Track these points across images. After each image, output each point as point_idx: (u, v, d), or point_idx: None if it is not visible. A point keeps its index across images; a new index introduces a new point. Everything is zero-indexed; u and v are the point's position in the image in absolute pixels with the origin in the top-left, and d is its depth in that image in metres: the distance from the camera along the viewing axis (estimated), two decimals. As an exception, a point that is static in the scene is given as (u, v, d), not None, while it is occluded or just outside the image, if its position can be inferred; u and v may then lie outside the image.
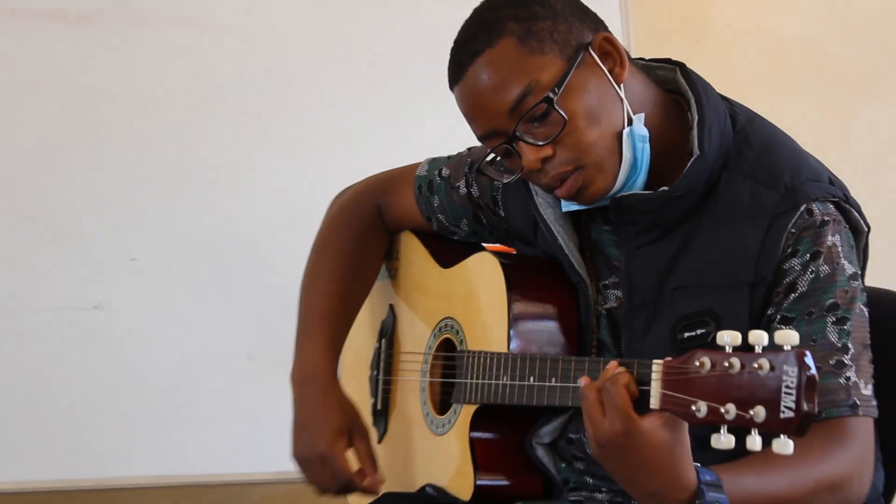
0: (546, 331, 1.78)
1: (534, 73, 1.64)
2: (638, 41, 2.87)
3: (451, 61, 1.71)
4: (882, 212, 2.98)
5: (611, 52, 1.68)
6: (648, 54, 1.83)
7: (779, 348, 1.31)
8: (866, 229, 1.70)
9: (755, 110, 1.82)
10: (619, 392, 1.41)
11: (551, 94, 1.63)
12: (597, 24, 1.71)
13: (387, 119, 2.75)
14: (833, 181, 1.69)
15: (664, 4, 3.15)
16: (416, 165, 2.03)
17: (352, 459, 1.89)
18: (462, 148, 1.98)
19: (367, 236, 2.05)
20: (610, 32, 1.71)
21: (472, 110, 1.70)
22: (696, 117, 1.69)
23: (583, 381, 1.47)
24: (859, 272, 1.67)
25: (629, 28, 2.85)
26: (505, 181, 1.80)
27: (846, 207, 1.67)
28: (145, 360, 2.62)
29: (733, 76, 3.10)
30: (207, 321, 2.65)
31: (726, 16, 3.19)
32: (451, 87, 1.72)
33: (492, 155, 1.73)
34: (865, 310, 1.65)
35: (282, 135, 2.73)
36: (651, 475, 1.42)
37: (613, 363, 1.45)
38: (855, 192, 1.73)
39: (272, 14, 2.74)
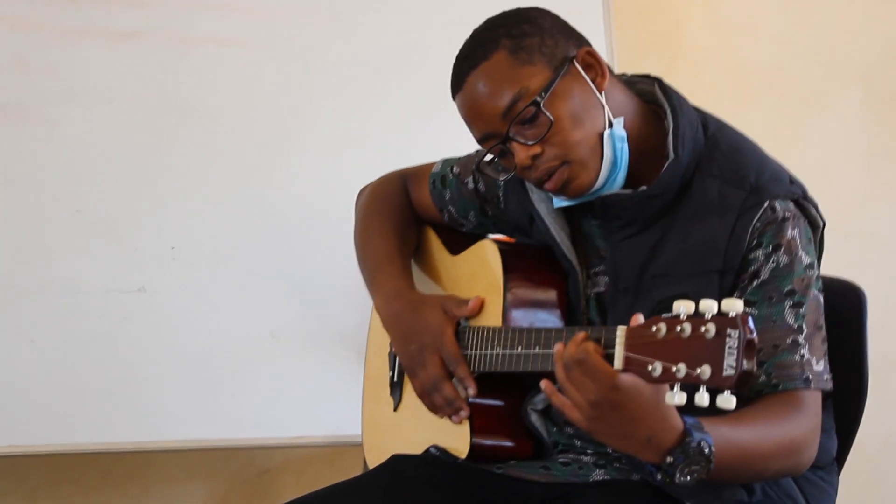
0: (538, 308, 1.80)
1: (524, 81, 1.67)
2: (620, 59, 2.89)
3: (452, 74, 1.75)
4: (832, 210, 3.00)
5: (593, 64, 1.71)
6: (628, 70, 1.85)
7: (725, 314, 1.33)
8: (822, 224, 1.72)
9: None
10: (595, 359, 1.44)
11: (538, 99, 1.66)
12: (580, 40, 1.74)
13: (399, 125, 2.76)
14: (793, 181, 1.72)
15: (643, 27, 3.16)
16: (431, 164, 2.06)
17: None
18: (468, 150, 2.00)
19: (404, 204, 2.06)
20: (592, 48, 1.74)
21: (471, 115, 1.73)
22: (671, 125, 1.71)
23: (558, 347, 1.50)
24: (815, 262, 1.69)
25: (612, 47, 2.86)
26: (502, 179, 1.83)
27: (804, 204, 1.70)
28: (182, 337, 2.61)
29: (703, 89, 3.10)
30: (237, 303, 2.64)
31: (697, 38, 3.21)
32: (453, 96, 1.76)
33: (489, 156, 1.76)
34: (820, 295, 1.68)
35: (306, 139, 2.73)
36: (643, 421, 1.44)
37: (582, 333, 1.47)
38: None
39: (298, 36, 2.74)
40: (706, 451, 1.44)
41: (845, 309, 1.89)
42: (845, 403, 1.83)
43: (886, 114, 3.20)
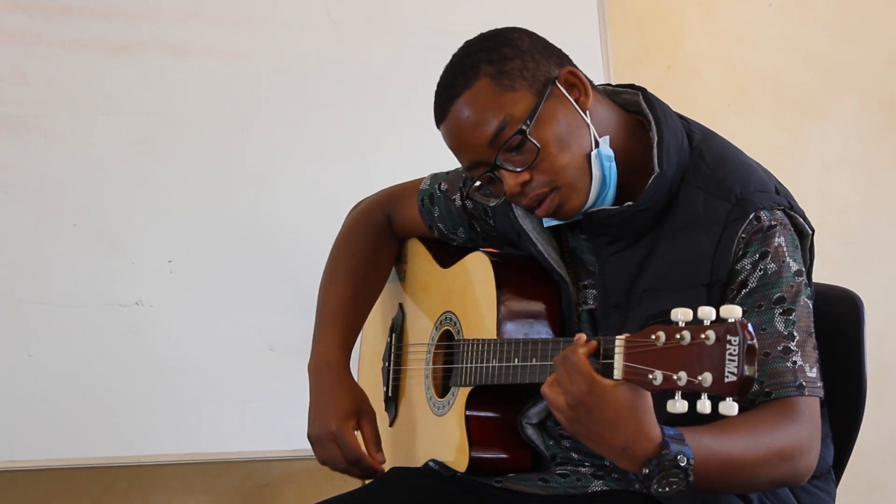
0: (531, 319, 1.80)
1: (508, 108, 1.67)
2: (616, 67, 2.89)
3: (435, 103, 1.74)
4: (831, 217, 3.01)
5: (575, 83, 1.70)
6: (625, 79, 1.86)
7: (723, 321, 1.33)
8: (811, 232, 1.71)
9: (719, 129, 1.83)
10: (578, 357, 1.43)
11: (524, 126, 1.65)
12: (562, 59, 1.73)
13: (395, 138, 2.77)
14: (779, 191, 1.71)
15: (640, 35, 3.17)
16: (419, 180, 2.05)
17: (361, 441, 1.91)
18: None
19: (377, 243, 2.07)
20: (574, 66, 1.73)
21: (457, 145, 1.73)
22: (656, 138, 1.70)
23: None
24: (804, 269, 1.68)
25: (608, 55, 2.86)
26: (492, 205, 1.82)
27: (791, 214, 1.69)
28: (179, 350, 2.62)
29: (700, 98, 3.12)
30: (234, 316, 2.65)
31: (694, 46, 3.21)
32: (438, 125, 1.75)
33: (478, 182, 1.75)
34: (810, 302, 1.67)
35: (304, 150, 2.74)
36: (618, 429, 1.42)
37: (582, 336, 1.47)
38: (806, 200, 1.74)
39: (296, 46, 2.75)
40: (683, 463, 1.42)
41: (843, 317, 1.89)
42: (844, 412, 1.84)
43: (884, 121, 3.21)
